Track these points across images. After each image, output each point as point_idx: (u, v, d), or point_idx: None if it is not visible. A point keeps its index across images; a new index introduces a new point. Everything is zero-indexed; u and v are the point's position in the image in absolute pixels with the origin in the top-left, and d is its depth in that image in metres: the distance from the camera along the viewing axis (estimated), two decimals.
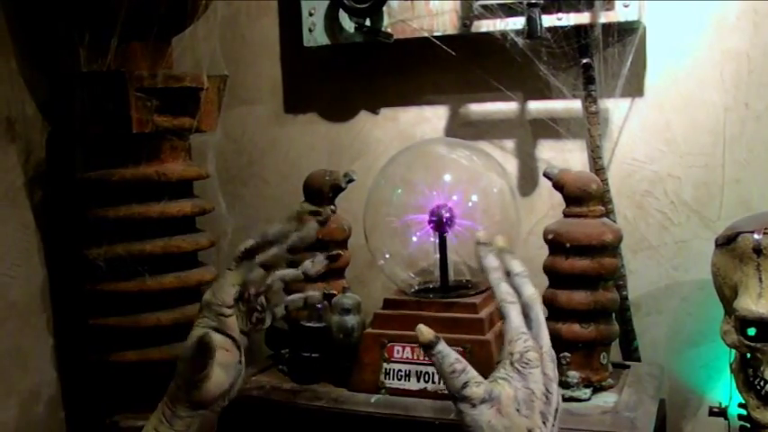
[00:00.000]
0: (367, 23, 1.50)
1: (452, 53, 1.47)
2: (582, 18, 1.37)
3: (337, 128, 1.68)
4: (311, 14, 1.55)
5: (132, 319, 1.39)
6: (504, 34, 1.41)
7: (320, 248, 1.21)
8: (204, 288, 1.47)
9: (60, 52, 1.44)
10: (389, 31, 1.49)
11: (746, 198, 1.41)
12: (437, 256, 1.30)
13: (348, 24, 1.52)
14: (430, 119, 1.60)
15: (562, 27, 1.39)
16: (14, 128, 1.43)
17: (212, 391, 1.05)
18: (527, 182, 1.54)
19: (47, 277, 1.50)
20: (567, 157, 1.50)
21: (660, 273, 1.48)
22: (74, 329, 1.49)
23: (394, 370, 1.27)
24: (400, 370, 1.27)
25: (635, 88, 1.45)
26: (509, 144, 1.55)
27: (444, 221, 1.27)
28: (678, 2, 1.41)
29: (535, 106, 1.52)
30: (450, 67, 1.53)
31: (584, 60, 1.43)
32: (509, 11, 1.39)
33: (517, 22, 1.39)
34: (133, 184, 1.37)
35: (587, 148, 1.48)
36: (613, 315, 1.32)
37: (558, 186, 1.31)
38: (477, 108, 1.56)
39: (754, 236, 1.16)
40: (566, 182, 1.30)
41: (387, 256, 1.33)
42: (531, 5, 1.32)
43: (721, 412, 1.27)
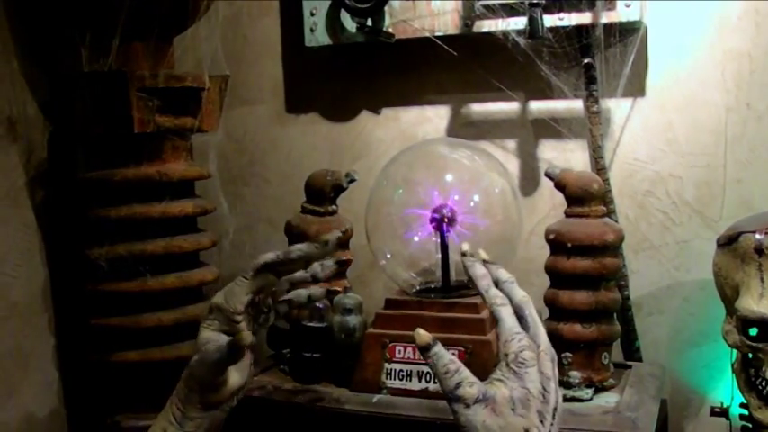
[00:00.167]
0: (368, 23, 1.50)
1: (454, 53, 1.47)
2: (583, 18, 1.37)
3: (339, 128, 1.68)
4: (313, 14, 1.55)
5: (134, 319, 1.39)
6: (506, 34, 1.41)
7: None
8: (206, 288, 1.48)
9: (62, 52, 1.44)
10: (391, 31, 1.49)
11: (748, 198, 1.41)
12: (439, 256, 1.30)
13: (350, 24, 1.52)
14: (431, 119, 1.60)
15: (564, 27, 1.39)
16: (16, 128, 1.43)
17: (227, 393, 1.06)
18: (529, 182, 1.54)
19: (48, 277, 1.50)
20: (568, 156, 1.50)
21: (662, 273, 1.48)
22: (75, 329, 1.49)
23: (395, 370, 1.27)
24: (402, 370, 1.27)
25: (636, 88, 1.45)
26: (511, 144, 1.55)
27: (446, 221, 1.27)
28: (680, 2, 1.41)
29: (537, 106, 1.52)
30: (452, 67, 1.53)
31: (586, 60, 1.43)
32: (511, 11, 1.39)
33: (519, 22, 1.39)
34: (135, 184, 1.37)
35: (589, 148, 1.48)
36: (615, 315, 1.32)
37: (560, 186, 1.31)
38: (479, 108, 1.56)
39: (756, 236, 1.16)
40: (567, 182, 1.30)
41: (388, 256, 1.33)
42: (532, 5, 1.32)
43: (723, 412, 1.27)
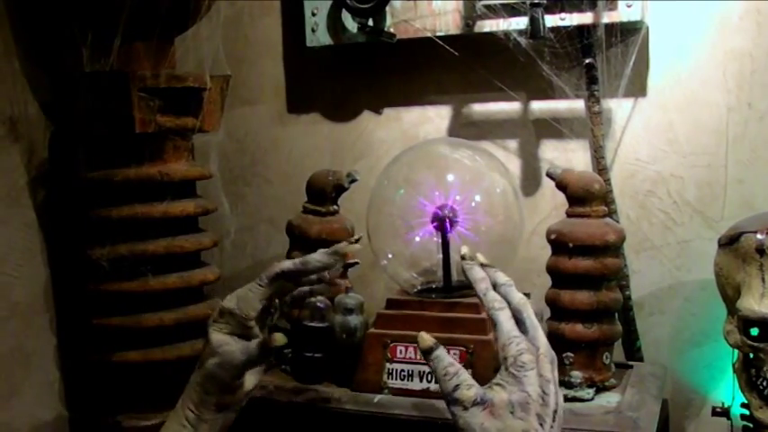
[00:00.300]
0: (370, 23, 1.50)
1: (455, 53, 1.47)
2: (585, 18, 1.37)
3: (340, 128, 1.68)
4: (314, 14, 1.55)
5: (135, 319, 1.39)
6: (507, 34, 1.41)
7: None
8: (207, 288, 1.48)
9: (63, 52, 1.44)
10: (392, 31, 1.49)
11: (749, 198, 1.41)
12: (440, 256, 1.30)
13: (351, 24, 1.52)
14: (433, 119, 1.60)
15: (565, 27, 1.39)
16: (17, 128, 1.43)
17: (243, 394, 1.08)
18: (530, 182, 1.54)
19: (50, 277, 1.50)
20: (569, 157, 1.50)
21: (663, 273, 1.48)
22: (77, 329, 1.49)
23: (397, 370, 1.27)
24: (403, 370, 1.27)
25: (638, 88, 1.45)
26: (512, 144, 1.55)
27: (447, 221, 1.27)
28: (681, 2, 1.41)
29: (538, 106, 1.52)
30: (453, 67, 1.53)
31: (587, 60, 1.43)
32: (512, 11, 1.39)
33: (520, 22, 1.39)
34: (136, 184, 1.37)
35: (590, 148, 1.48)
36: (616, 315, 1.33)
37: (561, 186, 1.31)
38: (480, 108, 1.56)
39: (757, 236, 1.16)
40: (569, 182, 1.30)
41: (390, 256, 1.33)
42: (533, 5, 1.32)
43: (724, 412, 1.27)
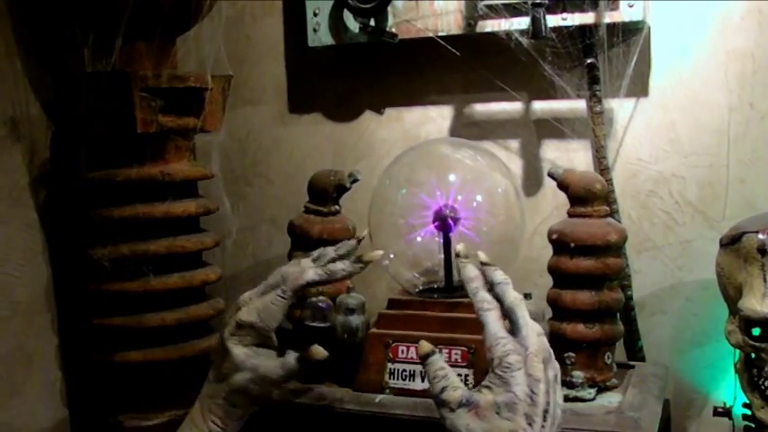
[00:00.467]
0: (371, 23, 1.50)
1: (457, 53, 1.47)
2: (586, 18, 1.37)
3: (342, 128, 1.68)
4: (316, 14, 1.55)
5: (136, 319, 1.39)
6: (509, 34, 1.41)
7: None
8: (209, 288, 1.48)
9: (65, 52, 1.44)
10: (394, 31, 1.49)
11: (751, 198, 1.41)
12: (441, 256, 1.30)
13: (352, 24, 1.52)
14: (434, 119, 1.60)
15: (567, 27, 1.39)
16: (19, 128, 1.43)
17: (269, 401, 1.13)
18: (531, 182, 1.54)
19: (51, 277, 1.50)
20: (571, 156, 1.50)
21: (665, 273, 1.48)
22: (78, 329, 1.49)
23: (398, 370, 1.27)
24: (404, 370, 1.27)
25: (639, 88, 1.45)
26: (513, 144, 1.55)
27: (449, 221, 1.27)
28: (682, 2, 1.41)
29: (540, 106, 1.52)
30: (455, 67, 1.53)
31: (589, 60, 1.43)
32: (514, 11, 1.39)
33: (522, 22, 1.39)
34: (137, 184, 1.37)
35: (592, 148, 1.48)
36: (618, 315, 1.33)
37: (563, 186, 1.31)
38: (482, 108, 1.56)
39: (759, 236, 1.16)
40: (570, 182, 1.30)
41: (391, 255, 1.33)
42: (535, 5, 1.32)
43: (726, 412, 1.27)
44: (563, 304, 1.28)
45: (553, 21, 1.37)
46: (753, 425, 1.22)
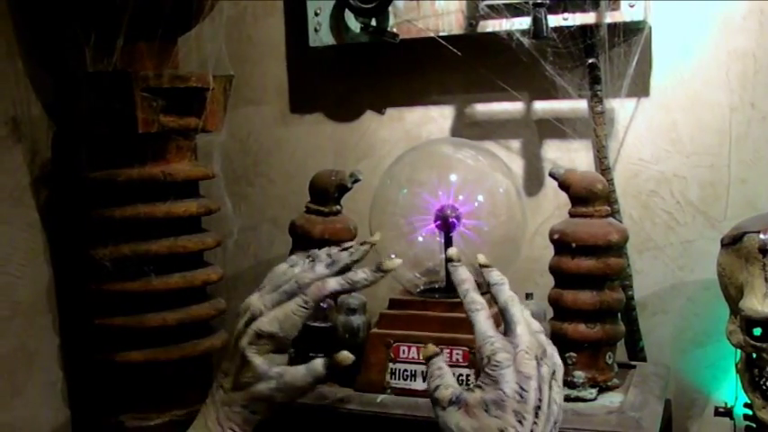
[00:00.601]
0: (373, 23, 1.50)
1: (458, 53, 1.47)
2: (588, 18, 1.37)
3: (343, 128, 1.68)
4: (317, 14, 1.55)
5: (138, 319, 1.39)
6: (510, 34, 1.41)
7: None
8: (210, 288, 1.48)
9: (66, 52, 1.44)
10: (395, 31, 1.49)
11: (752, 198, 1.41)
12: (443, 256, 1.30)
13: (354, 24, 1.52)
14: (436, 119, 1.60)
15: (568, 27, 1.39)
16: (20, 128, 1.43)
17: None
18: (533, 182, 1.54)
19: (52, 277, 1.50)
20: (572, 157, 1.50)
21: (666, 273, 1.48)
22: (79, 329, 1.49)
23: (399, 370, 1.27)
24: (406, 370, 1.27)
25: (641, 88, 1.45)
26: (515, 144, 1.55)
27: (450, 221, 1.27)
28: (684, 2, 1.41)
29: (541, 106, 1.52)
30: (456, 68, 1.53)
31: (590, 60, 1.43)
32: (515, 11, 1.39)
33: (523, 22, 1.39)
34: (139, 184, 1.37)
35: (593, 148, 1.48)
36: (619, 315, 1.33)
37: (564, 186, 1.31)
38: (483, 108, 1.56)
39: (760, 236, 1.16)
40: (571, 182, 1.30)
41: (392, 256, 1.32)
42: (536, 5, 1.32)
43: (727, 412, 1.27)
44: (564, 304, 1.28)
45: (554, 21, 1.37)
46: (754, 425, 1.22)
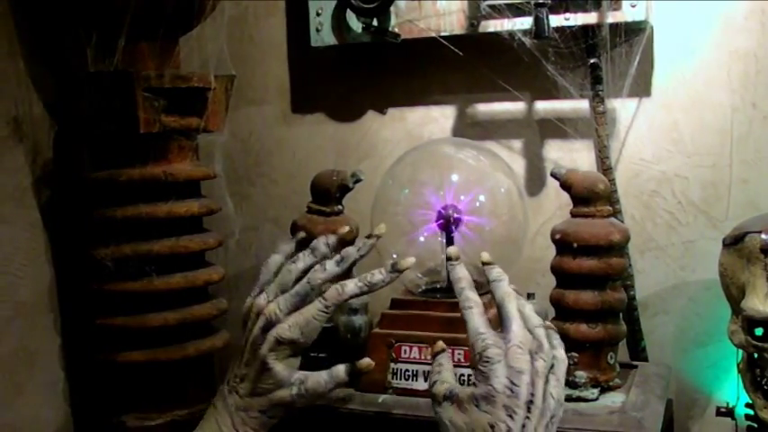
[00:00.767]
0: (374, 23, 1.50)
1: (460, 53, 1.47)
2: (589, 18, 1.37)
3: (344, 128, 1.68)
4: (318, 14, 1.55)
5: (139, 319, 1.39)
6: (512, 34, 1.41)
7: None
8: (212, 288, 1.48)
9: (68, 52, 1.44)
10: (397, 31, 1.49)
11: (754, 198, 1.41)
12: (444, 256, 1.30)
13: (355, 24, 1.52)
14: (437, 119, 1.60)
15: (569, 27, 1.39)
16: (22, 128, 1.43)
17: None
18: (534, 182, 1.54)
19: (54, 277, 1.50)
20: (574, 156, 1.50)
21: (667, 273, 1.48)
22: (81, 329, 1.49)
23: (401, 370, 1.27)
24: (407, 370, 1.27)
25: (642, 88, 1.45)
26: (516, 144, 1.55)
27: (451, 221, 1.27)
28: (686, 2, 1.41)
29: (542, 106, 1.52)
30: (458, 67, 1.53)
31: (592, 60, 1.43)
32: (516, 11, 1.39)
33: (525, 22, 1.39)
34: (140, 184, 1.37)
35: (595, 148, 1.48)
36: (621, 315, 1.32)
37: (566, 186, 1.31)
38: (485, 108, 1.56)
39: (762, 236, 1.16)
40: (573, 182, 1.30)
41: (394, 256, 1.32)
42: (538, 5, 1.32)
43: (728, 412, 1.27)
44: (566, 304, 1.27)
45: (556, 21, 1.37)
46: (755, 425, 1.22)
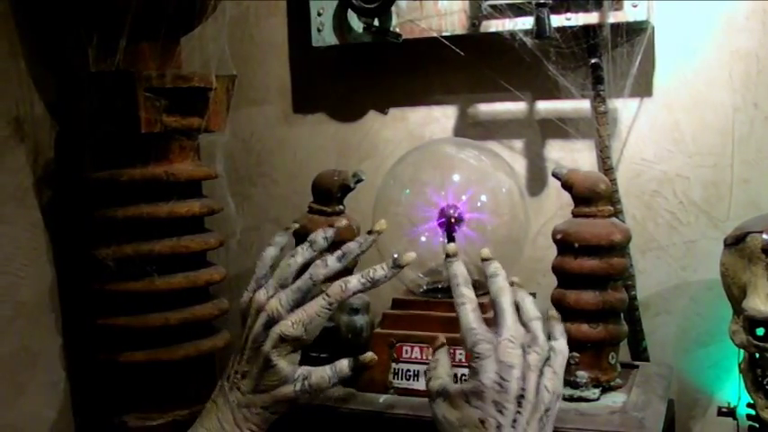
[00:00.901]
0: (375, 23, 1.50)
1: (461, 53, 1.47)
2: (590, 18, 1.37)
3: (346, 128, 1.68)
4: (320, 14, 1.55)
5: (141, 319, 1.39)
6: (513, 34, 1.41)
7: (329, 249, 1.20)
8: (213, 288, 1.48)
9: (69, 52, 1.44)
10: (398, 31, 1.49)
11: (755, 198, 1.41)
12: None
13: (357, 24, 1.52)
14: (439, 119, 1.60)
15: (571, 27, 1.39)
16: (23, 128, 1.43)
17: None
18: (536, 182, 1.54)
19: (55, 277, 1.50)
20: (575, 157, 1.50)
21: (669, 273, 1.48)
22: (82, 329, 1.49)
23: (402, 370, 1.27)
24: (409, 370, 1.27)
25: (643, 88, 1.45)
26: (518, 144, 1.55)
27: (453, 221, 1.27)
28: (687, 2, 1.40)
29: (544, 106, 1.52)
30: (459, 67, 1.53)
31: (593, 60, 1.43)
32: (518, 11, 1.39)
33: (526, 21, 1.39)
34: (142, 184, 1.37)
35: (596, 148, 1.48)
36: (622, 315, 1.32)
37: (567, 186, 1.31)
38: (486, 108, 1.56)
39: (763, 236, 1.16)
40: (574, 182, 1.30)
41: (395, 255, 1.32)
42: (539, 5, 1.32)
43: (730, 412, 1.27)
44: (567, 304, 1.27)
45: (557, 21, 1.37)
46: (757, 425, 1.22)
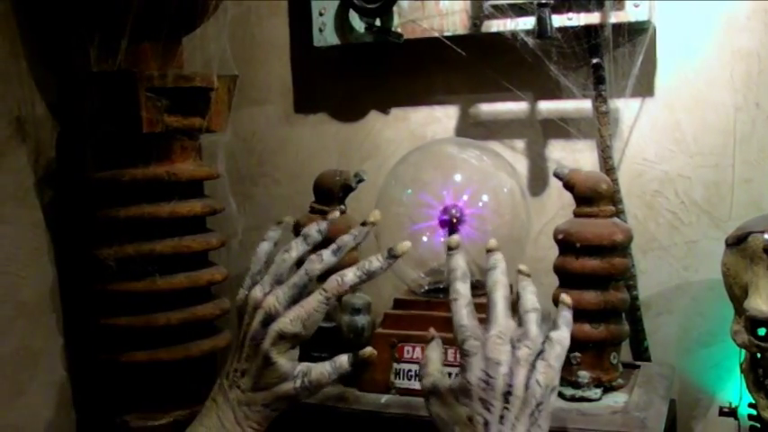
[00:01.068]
0: (377, 23, 1.50)
1: (462, 53, 1.47)
2: (592, 18, 1.37)
3: (347, 128, 1.68)
4: (321, 14, 1.55)
5: (142, 319, 1.39)
6: (515, 34, 1.41)
7: (323, 243, 1.20)
8: (215, 288, 1.48)
9: (70, 52, 1.44)
10: (399, 31, 1.49)
11: (757, 198, 1.40)
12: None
13: (358, 24, 1.52)
14: (440, 119, 1.60)
15: (572, 27, 1.39)
16: (25, 128, 1.43)
17: None
18: (537, 182, 1.54)
19: (57, 277, 1.50)
20: (577, 156, 1.50)
21: (670, 273, 1.48)
22: (84, 329, 1.49)
23: (404, 370, 1.27)
24: (410, 370, 1.27)
25: (645, 88, 1.45)
26: (519, 144, 1.55)
27: (454, 221, 1.27)
28: (688, 2, 1.40)
29: (545, 106, 1.52)
30: (461, 68, 1.53)
31: (595, 60, 1.43)
32: (519, 11, 1.39)
33: (527, 22, 1.39)
34: (143, 184, 1.37)
35: (597, 147, 1.48)
36: (624, 315, 1.32)
37: (569, 186, 1.31)
38: (488, 108, 1.56)
39: (765, 236, 1.16)
40: (576, 182, 1.30)
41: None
42: (541, 5, 1.32)
43: (731, 412, 1.27)
44: None
45: (559, 21, 1.37)
46: (758, 425, 1.21)
